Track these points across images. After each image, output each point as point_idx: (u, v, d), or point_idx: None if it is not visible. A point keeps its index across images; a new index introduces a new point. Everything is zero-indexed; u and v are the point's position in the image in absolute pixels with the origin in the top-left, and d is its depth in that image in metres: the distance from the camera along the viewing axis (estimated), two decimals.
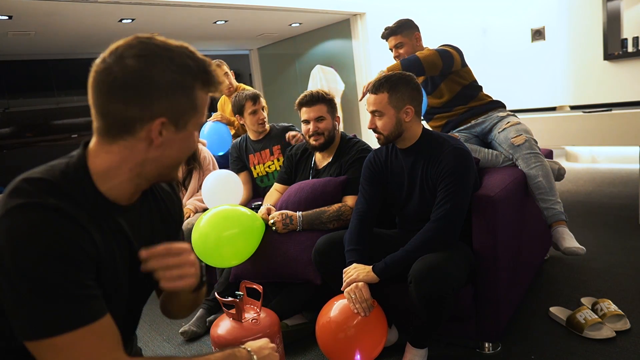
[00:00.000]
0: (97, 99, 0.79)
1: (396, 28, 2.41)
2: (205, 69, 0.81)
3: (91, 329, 0.73)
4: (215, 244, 1.93)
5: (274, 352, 0.96)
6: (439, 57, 2.21)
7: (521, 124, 2.27)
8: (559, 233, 2.07)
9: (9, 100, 6.62)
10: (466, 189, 1.65)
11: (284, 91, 7.64)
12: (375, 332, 1.61)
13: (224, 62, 3.33)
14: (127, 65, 0.76)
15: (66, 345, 0.71)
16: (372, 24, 5.96)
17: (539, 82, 6.09)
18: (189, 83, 0.80)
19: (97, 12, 4.51)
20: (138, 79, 0.77)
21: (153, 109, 0.78)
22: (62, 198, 0.76)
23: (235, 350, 0.91)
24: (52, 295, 0.71)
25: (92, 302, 0.75)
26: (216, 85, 0.83)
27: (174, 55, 0.79)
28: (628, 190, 4.01)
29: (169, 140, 0.81)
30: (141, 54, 0.77)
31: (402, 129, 1.72)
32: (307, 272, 1.94)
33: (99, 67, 0.78)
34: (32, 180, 0.77)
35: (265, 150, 2.67)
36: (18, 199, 0.73)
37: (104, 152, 0.81)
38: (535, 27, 6.09)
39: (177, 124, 0.81)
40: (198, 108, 0.83)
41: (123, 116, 0.78)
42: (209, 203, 2.44)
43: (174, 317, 1.12)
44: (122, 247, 0.86)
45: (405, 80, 1.71)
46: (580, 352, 1.76)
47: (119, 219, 0.85)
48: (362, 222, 1.77)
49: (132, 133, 0.79)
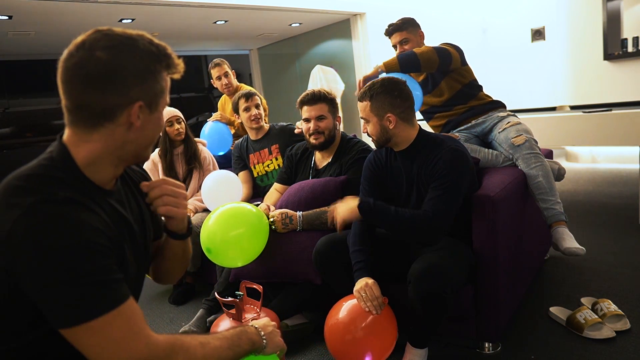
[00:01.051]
0: (72, 93, 0.83)
1: (401, 24, 2.41)
2: (167, 53, 0.88)
3: (120, 311, 0.78)
4: (222, 243, 1.93)
5: (275, 329, 1.07)
6: (435, 53, 2.22)
7: (521, 124, 2.26)
8: (559, 233, 2.07)
9: (9, 100, 6.62)
10: (458, 191, 1.63)
11: (284, 91, 7.64)
12: (385, 334, 1.59)
13: (225, 60, 3.33)
14: (98, 57, 0.80)
15: (99, 329, 0.76)
16: (372, 24, 5.96)
17: (539, 82, 6.09)
18: (156, 67, 0.86)
19: (97, 12, 4.52)
20: (111, 68, 0.81)
21: (130, 94, 0.83)
22: (67, 189, 0.80)
23: (245, 327, 1.01)
24: (83, 284, 0.76)
25: (118, 286, 0.80)
26: (177, 68, 0.90)
27: (137, 43, 0.84)
28: (628, 190, 4.01)
29: (145, 122, 0.87)
30: (109, 45, 0.82)
31: (389, 135, 1.73)
32: (307, 272, 1.94)
33: (69, 62, 0.82)
34: (28, 178, 0.80)
35: (264, 150, 2.68)
36: (26, 198, 0.76)
37: (83, 142, 0.85)
38: (535, 27, 6.09)
39: (150, 106, 0.87)
40: (165, 89, 0.90)
41: (102, 105, 0.82)
42: (208, 204, 2.44)
43: (166, 279, 1.20)
44: (123, 227, 0.91)
45: (386, 89, 1.70)
46: (580, 352, 1.76)
47: (112, 202, 0.90)
48: (364, 222, 1.77)
49: (112, 119, 0.84)
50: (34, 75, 6.80)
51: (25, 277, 0.75)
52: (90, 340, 0.77)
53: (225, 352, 0.91)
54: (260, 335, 1.01)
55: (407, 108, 1.73)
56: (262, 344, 1.01)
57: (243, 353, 0.96)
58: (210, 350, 0.88)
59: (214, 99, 8.19)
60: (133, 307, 0.82)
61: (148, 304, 2.66)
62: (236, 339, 0.96)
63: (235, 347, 0.94)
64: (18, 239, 0.74)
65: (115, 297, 0.79)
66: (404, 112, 1.72)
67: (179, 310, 2.55)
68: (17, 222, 0.74)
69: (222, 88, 3.35)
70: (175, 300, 2.63)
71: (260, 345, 1.00)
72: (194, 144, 2.73)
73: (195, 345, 0.87)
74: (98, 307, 0.77)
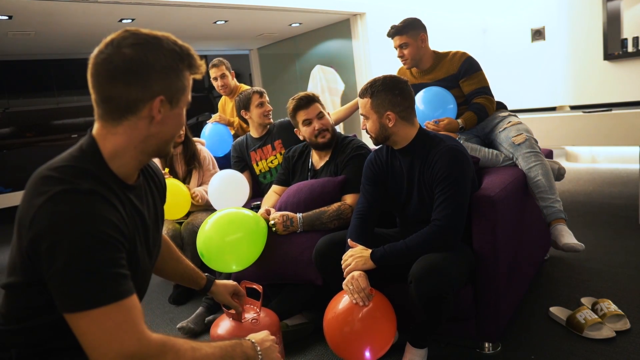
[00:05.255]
0: (100, 87, 0.88)
1: (402, 28, 2.36)
2: (189, 54, 0.93)
3: (120, 305, 0.81)
4: (218, 249, 1.93)
5: (274, 344, 1.05)
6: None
7: (522, 123, 2.27)
8: (558, 230, 2.07)
9: (9, 100, 6.62)
10: (464, 190, 1.64)
11: (284, 91, 7.63)
12: (384, 326, 1.59)
13: (225, 61, 3.32)
14: (125, 53, 0.86)
15: (96, 318, 0.80)
16: (372, 24, 5.95)
17: (539, 82, 6.09)
18: (178, 65, 0.92)
19: (97, 12, 4.51)
20: (137, 64, 0.87)
21: (152, 88, 0.89)
22: (92, 181, 0.86)
23: (242, 340, 1.01)
24: (91, 272, 0.80)
25: (124, 281, 0.84)
26: (199, 68, 0.95)
27: (162, 42, 0.90)
28: (628, 190, 4.01)
29: (166, 117, 0.93)
30: (135, 43, 0.87)
31: (388, 133, 1.73)
32: (307, 273, 1.94)
33: (98, 58, 0.87)
34: (59, 168, 0.86)
35: (266, 146, 2.70)
36: (55, 186, 0.82)
37: (110, 134, 0.91)
38: (535, 27, 6.09)
39: (171, 101, 0.92)
40: (186, 88, 0.95)
41: (126, 98, 0.88)
42: (215, 203, 2.44)
43: (163, 276, 1.31)
44: (137, 223, 0.96)
45: (388, 87, 1.70)
46: (580, 352, 1.76)
47: (131, 196, 0.95)
48: (363, 221, 1.77)
49: (135, 112, 0.89)
50: (34, 75, 6.80)
51: (41, 259, 0.80)
52: (86, 328, 0.80)
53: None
54: (256, 351, 1.00)
55: (408, 107, 1.73)
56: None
57: None
58: (201, 356, 0.88)
59: (213, 99, 8.19)
60: (134, 304, 0.84)
61: (148, 304, 2.66)
62: (230, 350, 0.95)
63: (227, 358, 0.93)
64: (39, 223, 0.80)
65: (119, 290, 0.82)
66: (404, 111, 1.72)
67: (179, 310, 2.55)
68: (41, 207, 0.80)
69: (218, 89, 3.35)
70: (176, 300, 2.63)
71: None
72: (193, 144, 2.73)
73: (186, 349, 0.87)
74: (101, 297, 0.80)
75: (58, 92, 6.97)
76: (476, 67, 2.33)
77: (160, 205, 1.11)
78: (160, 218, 1.11)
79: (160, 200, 1.11)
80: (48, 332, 0.91)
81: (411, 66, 2.44)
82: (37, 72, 6.78)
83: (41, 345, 0.92)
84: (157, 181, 1.12)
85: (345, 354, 1.61)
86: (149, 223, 1.00)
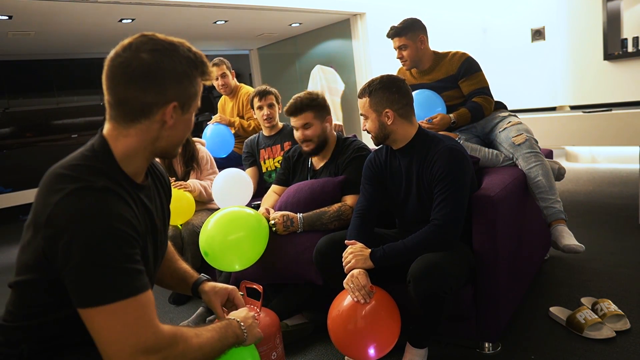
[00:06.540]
0: (115, 89, 0.90)
1: (401, 30, 2.34)
2: (203, 61, 0.96)
3: (137, 300, 0.83)
4: (221, 248, 1.93)
5: (254, 320, 1.13)
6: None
7: (522, 123, 2.27)
8: (558, 231, 2.07)
9: (9, 100, 6.62)
10: (463, 190, 1.65)
11: (284, 91, 7.54)
12: (387, 323, 1.59)
13: (226, 61, 3.32)
14: (143, 58, 0.89)
15: (113, 313, 0.81)
16: (372, 24, 5.96)
17: (538, 82, 6.10)
18: (192, 72, 0.94)
19: (97, 12, 4.51)
20: (154, 69, 0.89)
21: (167, 94, 0.91)
22: (105, 179, 0.88)
23: (230, 320, 1.07)
24: (108, 268, 0.81)
25: (139, 276, 0.85)
26: (210, 74, 0.98)
27: (178, 49, 0.93)
28: (628, 190, 4.01)
29: (177, 122, 0.95)
30: (153, 49, 0.90)
31: (387, 131, 1.73)
32: (308, 273, 1.94)
33: (115, 61, 0.89)
34: (73, 167, 0.88)
35: (276, 146, 2.72)
36: (70, 184, 0.84)
37: (122, 136, 0.93)
38: (535, 27, 6.09)
39: (183, 107, 0.95)
40: (198, 93, 0.98)
41: (141, 102, 0.90)
42: (218, 201, 2.44)
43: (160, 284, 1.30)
44: (148, 222, 0.98)
45: (385, 85, 1.71)
46: (580, 352, 1.76)
47: (142, 196, 0.98)
48: (363, 220, 1.78)
49: (149, 116, 0.92)
50: (34, 75, 6.79)
51: (58, 256, 0.81)
52: (103, 323, 0.81)
53: (216, 343, 0.97)
54: (242, 329, 1.06)
55: (406, 105, 1.73)
56: (244, 338, 1.06)
57: (229, 346, 1.02)
58: (204, 340, 0.94)
59: (213, 99, 8.19)
60: (149, 299, 0.86)
61: None
62: (224, 331, 1.01)
63: (223, 339, 0.99)
64: (56, 219, 0.81)
65: (135, 285, 0.84)
66: (402, 108, 1.72)
67: (179, 310, 2.55)
68: (57, 204, 0.82)
69: (219, 88, 3.36)
70: (176, 300, 2.63)
71: (242, 339, 1.05)
72: (192, 145, 2.74)
73: (192, 336, 0.92)
74: (118, 292, 0.81)
75: (58, 92, 6.96)
76: (476, 68, 2.33)
77: (167, 206, 1.13)
78: (167, 218, 1.13)
79: (166, 201, 1.14)
80: (57, 329, 0.92)
81: (410, 67, 2.43)
82: (37, 72, 6.78)
83: (50, 342, 0.93)
84: (164, 182, 1.15)
85: (350, 351, 1.61)
86: (157, 224, 1.02)
